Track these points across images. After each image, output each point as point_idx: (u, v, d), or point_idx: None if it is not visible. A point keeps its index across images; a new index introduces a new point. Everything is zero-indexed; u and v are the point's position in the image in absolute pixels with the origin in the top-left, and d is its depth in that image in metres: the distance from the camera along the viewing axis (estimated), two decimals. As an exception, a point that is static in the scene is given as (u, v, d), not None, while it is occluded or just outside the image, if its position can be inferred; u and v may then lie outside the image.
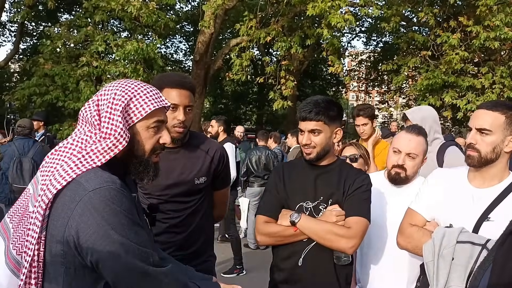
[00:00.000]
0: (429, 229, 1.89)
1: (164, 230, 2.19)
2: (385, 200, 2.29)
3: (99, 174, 1.28)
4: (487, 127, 1.78)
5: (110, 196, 1.23)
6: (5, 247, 1.33)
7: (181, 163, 2.20)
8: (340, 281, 2.04)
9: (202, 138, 2.35)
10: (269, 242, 2.10)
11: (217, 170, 2.29)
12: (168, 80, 2.13)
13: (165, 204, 2.19)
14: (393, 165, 2.26)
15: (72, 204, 1.23)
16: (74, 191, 1.25)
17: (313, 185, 2.07)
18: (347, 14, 10.33)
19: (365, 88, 24.53)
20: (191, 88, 2.16)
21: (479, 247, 1.64)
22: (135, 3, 10.08)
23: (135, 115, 1.36)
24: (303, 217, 1.99)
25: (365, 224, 1.98)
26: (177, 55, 24.94)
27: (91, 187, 1.24)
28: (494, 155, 1.79)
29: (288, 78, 11.65)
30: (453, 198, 1.89)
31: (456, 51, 11.37)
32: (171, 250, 2.19)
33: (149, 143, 1.40)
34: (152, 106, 1.38)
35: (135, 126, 1.37)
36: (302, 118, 2.04)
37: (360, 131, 3.92)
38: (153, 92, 1.41)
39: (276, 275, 2.12)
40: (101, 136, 1.34)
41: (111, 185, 1.26)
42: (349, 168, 2.16)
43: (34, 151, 5.38)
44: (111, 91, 1.37)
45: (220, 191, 2.39)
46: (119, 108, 1.34)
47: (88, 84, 10.33)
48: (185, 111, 2.12)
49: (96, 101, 1.37)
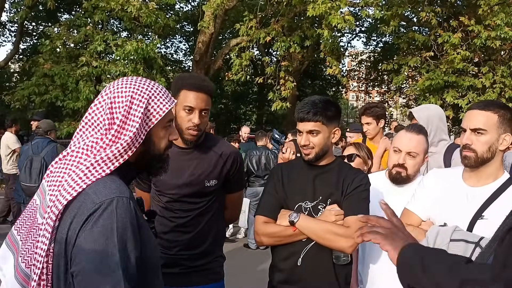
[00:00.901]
0: (424, 229, 1.90)
1: (171, 229, 2.20)
2: (386, 200, 2.28)
3: (108, 185, 1.25)
4: (482, 127, 1.80)
5: (116, 212, 1.21)
6: (14, 260, 1.31)
7: (193, 164, 2.20)
8: (340, 281, 2.04)
9: (217, 141, 2.33)
10: (269, 242, 2.10)
11: (230, 173, 2.28)
12: (187, 82, 2.13)
13: (173, 203, 2.21)
14: (394, 165, 2.26)
15: (79, 218, 1.21)
16: (82, 203, 1.23)
17: (312, 185, 2.07)
18: (347, 15, 10.33)
19: (365, 88, 24.51)
20: (209, 92, 2.14)
21: (472, 245, 1.64)
22: (134, 3, 10.10)
23: (154, 117, 1.35)
24: (302, 217, 1.99)
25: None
26: (177, 55, 24.95)
27: (98, 199, 1.22)
28: (490, 154, 1.81)
29: (288, 79, 11.65)
30: (448, 198, 1.90)
31: (457, 51, 11.37)
32: (177, 249, 2.21)
33: (163, 141, 1.41)
34: (168, 105, 1.37)
35: (153, 128, 1.36)
36: (300, 119, 2.04)
37: (364, 130, 3.91)
38: (164, 91, 1.40)
39: (275, 275, 2.12)
40: (111, 140, 1.31)
41: (119, 196, 1.23)
42: (348, 168, 2.17)
43: (47, 151, 5.44)
44: (126, 92, 1.33)
45: (232, 194, 2.38)
46: (140, 110, 1.31)
47: (87, 84, 10.34)
48: (200, 114, 2.11)
49: (109, 104, 1.32)
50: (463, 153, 1.85)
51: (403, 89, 18.22)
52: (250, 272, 5.69)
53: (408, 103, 19.22)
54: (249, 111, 28.81)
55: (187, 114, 2.09)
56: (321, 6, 9.85)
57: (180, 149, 2.20)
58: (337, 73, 11.84)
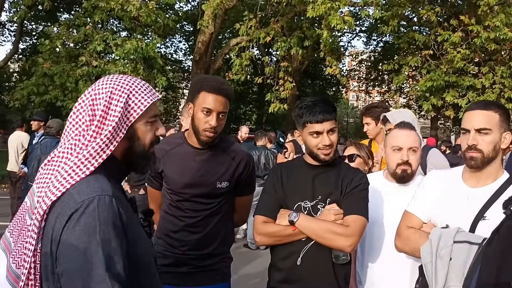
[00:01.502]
0: (426, 231, 1.89)
1: (180, 228, 2.23)
2: (386, 200, 2.27)
3: (91, 184, 1.25)
4: (487, 126, 1.79)
5: (97, 211, 1.21)
6: (7, 261, 1.32)
7: (206, 165, 2.22)
8: (339, 280, 2.04)
9: (231, 144, 2.36)
10: (268, 242, 2.10)
11: (241, 176, 2.30)
12: (206, 84, 2.15)
13: (184, 202, 2.23)
14: (397, 164, 2.22)
15: (62, 218, 1.21)
16: (65, 203, 1.23)
17: (311, 184, 2.07)
18: (346, 16, 10.33)
19: (365, 88, 24.51)
20: (227, 95, 2.16)
21: (476, 246, 1.64)
22: (134, 2, 10.09)
23: (134, 111, 1.34)
24: (302, 216, 1.99)
25: (363, 223, 1.99)
26: (176, 55, 24.96)
27: (80, 198, 1.22)
28: (494, 153, 1.81)
29: (287, 79, 11.64)
30: (449, 199, 1.89)
31: (458, 50, 11.37)
32: (185, 248, 2.23)
33: (148, 137, 1.40)
34: (150, 100, 1.37)
35: (135, 123, 1.36)
36: (317, 120, 1.99)
37: (364, 130, 3.93)
38: (146, 86, 1.41)
39: (274, 275, 2.12)
40: (92, 136, 1.30)
41: (101, 194, 1.23)
42: (347, 168, 2.17)
43: None
44: (106, 89, 1.33)
45: (242, 197, 2.40)
46: (120, 104, 1.31)
47: (87, 84, 10.33)
48: (218, 117, 2.13)
49: (91, 101, 1.32)
50: (468, 154, 1.82)
51: (403, 89, 18.22)
52: (250, 272, 5.68)
53: (408, 103, 19.22)
54: (249, 111, 28.81)
55: (205, 116, 2.12)
56: (320, 6, 9.84)
57: (195, 149, 2.24)
58: (337, 72, 11.85)
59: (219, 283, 2.29)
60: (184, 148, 2.26)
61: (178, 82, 24.69)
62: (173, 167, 2.24)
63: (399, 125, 2.35)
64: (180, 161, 2.23)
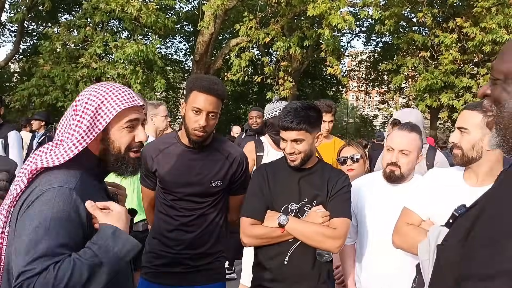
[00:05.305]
0: (424, 228, 1.90)
1: (175, 227, 2.24)
2: (383, 199, 2.30)
3: (59, 177, 1.35)
4: (464, 126, 1.86)
5: (53, 199, 1.29)
6: None
7: (199, 164, 2.24)
8: (323, 276, 2.11)
9: (225, 143, 2.36)
10: (256, 243, 2.14)
11: (235, 176, 2.31)
12: (197, 83, 2.15)
13: (178, 201, 2.24)
14: (387, 163, 2.27)
15: (26, 203, 1.32)
16: (33, 190, 1.33)
17: (297, 187, 2.12)
18: (346, 15, 10.34)
19: (365, 88, 24.52)
20: (218, 95, 2.15)
21: None
22: (134, 3, 10.10)
23: (106, 116, 1.43)
24: (291, 219, 2.04)
25: (349, 224, 2.07)
26: (177, 55, 24.93)
27: (44, 187, 1.32)
28: (475, 153, 1.84)
29: (287, 78, 11.65)
30: (449, 197, 1.89)
31: (450, 52, 11.41)
32: (180, 248, 2.23)
33: (123, 141, 1.47)
34: (122, 106, 1.44)
35: (108, 127, 1.44)
36: (284, 127, 2.06)
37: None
38: (125, 93, 1.48)
39: (261, 274, 2.16)
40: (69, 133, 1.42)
41: (62, 186, 1.32)
42: (330, 169, 2.21)
43: None
44: (85, 96, 1.45)
45: (236, 196, 2.39)
46: (89, 113, 1.41)
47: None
48: (207, 117, 2.14)
49: (74, 107, 1.45)
50: (453, 151, 1.91)
51: (403, 89, 18.22)
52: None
53: (408, 103, 19.22)
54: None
55: (195, 115, 2.13)
56: (321, 5, 9.86)
57: (188, 149, 2.25)
58: (338, 72, 11.85)
59: (214, 283, 2.30)
60: (177, 148, 2.27)
61: (178, 82, 24.68)
62: (167, 166, 2.24)
63: (401, 126, 2.36)
64: (174, 160, 2.24)
